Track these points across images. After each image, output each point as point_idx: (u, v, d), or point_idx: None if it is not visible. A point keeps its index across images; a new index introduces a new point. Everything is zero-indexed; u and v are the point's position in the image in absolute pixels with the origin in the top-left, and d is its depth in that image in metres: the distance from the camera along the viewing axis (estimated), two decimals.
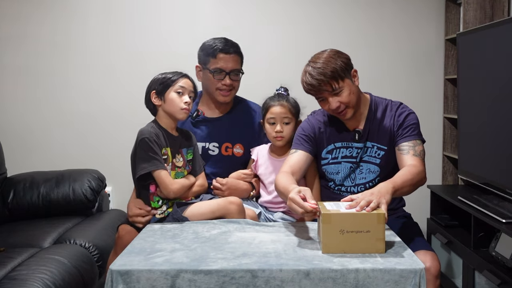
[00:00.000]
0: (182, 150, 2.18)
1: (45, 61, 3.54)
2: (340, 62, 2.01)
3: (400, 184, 1.85)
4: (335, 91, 2.01)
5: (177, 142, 2.17)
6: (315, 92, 2.04)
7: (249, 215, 2.15)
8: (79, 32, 3.53)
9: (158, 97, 2.14)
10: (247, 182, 2.35)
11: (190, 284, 1.51)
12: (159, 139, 2.08)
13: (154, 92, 2.14)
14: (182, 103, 2.12)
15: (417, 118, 2.12)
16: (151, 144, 2.04)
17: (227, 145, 2.43)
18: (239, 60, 2.43)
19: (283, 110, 2.25)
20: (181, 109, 2.12)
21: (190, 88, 2.16)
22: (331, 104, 2.03)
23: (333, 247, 1.63)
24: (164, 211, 2.08)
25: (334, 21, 3.55)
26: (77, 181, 3.10)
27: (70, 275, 2.28)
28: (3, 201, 3.06)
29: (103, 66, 3.54)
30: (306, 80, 2.02)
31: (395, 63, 3.59)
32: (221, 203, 2.07)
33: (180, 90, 2.13)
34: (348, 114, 2.07)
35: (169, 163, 2.11)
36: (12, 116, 3.56)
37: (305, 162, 2.14)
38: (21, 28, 3.52)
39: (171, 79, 2.14)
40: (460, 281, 2.79)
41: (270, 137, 2.28)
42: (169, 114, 2.14)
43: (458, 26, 3.47)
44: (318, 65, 2.00)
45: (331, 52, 2.05)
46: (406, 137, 2.07)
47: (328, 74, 1.98)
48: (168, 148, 2.11)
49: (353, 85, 2.06)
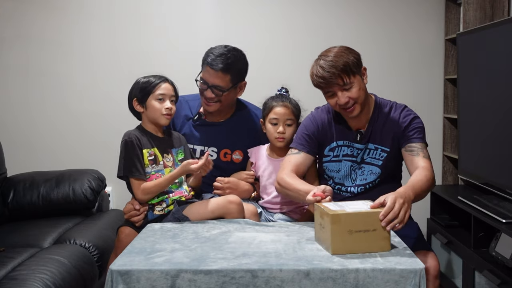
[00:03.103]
0: (172, 150, 2.20)
1: (45, 61, 3.54)
2: (352, 57, 2.00)
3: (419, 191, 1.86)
4: (345, 85, 1.99)
5: (164, 143, 2.19)
6: (325, 85, 2.01)
7: (250, 210, 2.15)
8: (79, 32, 3.52)
9: (140, 105, 2.17)
10: (249, 183, 2.35)
11: (190, 284, 1.51)
12: (141, 141, 2.11)
13: (135, 99, 2.18)
14: (163, 109, 2.15)
15: (422, 123, 2.11)
16: (128, 148, 2.08)
17: (226, 151, 2.42)
18: (226, 78, 2.30)
19: (287, 111, 2.24)
20: (162, 114, 2.15)
21: (171, 92, 2.18)
22: (340, 99, 2.01)
23: (342, 248, 1.62)
24: (164, 208, 2.09)
25: (333, 21, 3.55)
26: (77, 181, 3.10)
27: (70, 275, 2.28)
28: (3, 201, 3.06)
29: (104, 66, 3.54)
30: (317, 73, 2.00)
31: (395, 63, 3.59)
32: (220, 202, 2.07)
33: (161, 97, 2.15)
34: (355, 110, 2.05)
35: (159, 162, 2.13)
36: (12, 116, 3.56)
37: (307, 165, 2.15)
38: (21, 28, 3.51)
39: (151, 85, 2.16)
40: (460, 281, 2.79)
41: (271, 138, 2.27)
42: (151, 120, 2.18)
43: (458, 26, 3.47)
44: (330, 58, 1.98)
45: (342, 47, 2.04)
46: (414, 138, 2.05)
47: (340, 67, 1.97)
48: (155, 149, 2.14)
49: (362, 82, 2.05)
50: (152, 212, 2.09)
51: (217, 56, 2.29)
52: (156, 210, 2.09)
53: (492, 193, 2.75)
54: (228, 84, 2.32)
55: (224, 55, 2.29)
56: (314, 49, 2.18)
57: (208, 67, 2.30)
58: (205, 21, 3.52)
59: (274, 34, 3.56)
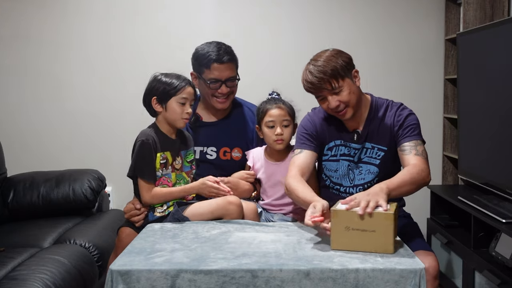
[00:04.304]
0: (181, 152, 2.19)
1: (45, 61, 3.54)
2: (341, 61, 2.01)
3: (396, 184, 1.85)
4: (334, 89, 2.01)
5: (176, 146, 2.17)
6: (315, 90, 2.03)
7: (251, 208, 2.15)
8: (79, 32, 3.53)
9: (160, 104, 2.13)
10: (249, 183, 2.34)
11: (190, 284, 1.51)
12: (156, 144, 2.09)
13: (155, 98, 2.13)
14: (184, 113, 2.12)
15: (417, 119, 2.11)
16: (144, 149, 2.06)
17: (225, 150, 2.42)
18: (233, 67, 2.39)
19: (282, 112, 2.23)
20: (182, 118, 2.13)
21: (192, 96, 2.16)
22: (331, 103, 2.03)
23: (341, 244, 1.64)
24: (165, 210, 2.08)
25: (332, 21, 3.55)
26: (77, 181, 3.10)
27: (70, 275, 2.28)
28: (3, 201, 3.06)
29: (104, 66, 3.55)
30: (307, 78, 2.02)
31: (395, 63, 3.59)
32: (220, 203, 2.06)
33: (183, 101, 2.12)
34: (347, 114, 2.06)
35: (168, 166, 2.12)
36: (12, 116, 3.56)
37: (312, 162, 2.14)
38: (19, 28, 3.51)
39: (175, 88, 2.11)
40: (460, 281, 2.79)
41: (270, 141, 2.24)
42: (169, 121, 2.15)
43: (458, 26, 3.47)
44: (319, 63, 2.00)
45: (333, 52, 2.05)
46: (407, 137, 2.06)
47: (328, 72, 1.98)
48: (168, 153, 2.12)
49: (353, 85, 2.05)
50: (153, 214, 2.09)
51: (217, 50, 2.33)
52: (157, 212, 2.09)
53: (492, 193, 2.75)
54: (235, 73, 2.41)
55: (221, 47, 2.36)
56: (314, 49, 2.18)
57: (216, 64, 2.32)
58: (205, 20, 3.52)
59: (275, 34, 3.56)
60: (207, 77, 2.35)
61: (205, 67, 2.35)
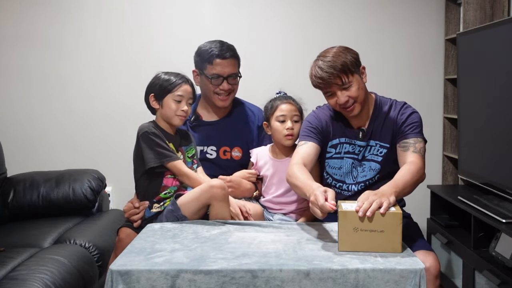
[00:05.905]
0: (182, 148, 2.20)
1: (45, 61, 3.53)
2: (350, 56, 2.02)
3: (402, 186, 1.85)
4: (344, 85, 2.01)
5: (176, 140, 2.19)
6: (324, 85, 2.03)
7: (256, 210, 2.17)
8: (80, 32, 3.52)
9: (156, 101, 2.16)
10: (251, 182, 2.35)
11: (190, 284, 1.51)
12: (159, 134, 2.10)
13: (153, 95, 2.16)
14: (179, 110, 2.14)
15: (419, 118, 2.12)
16: (152, 137, 2.07)
17: (225, 149, 2.43)
18: (236, 64, 2.41)
19: (292, 107, 2.26)
20: (176, 115, 2.14)
21: (189, 95, 2.17)
22: (340, 98, 2.03)
23: (348, 245, 1.64)
24: (161, 206, 2.09)
25: (332, 22, 3.55)
26: (77, 181, 3.10)
27: (70, 275, 2.28)
28: (3, 201, 3.06)
29: (104, 66, 3.54)
30: (316, 73, 2.02)
31: (395, 63, 3.59)
32: (204, 188, 2.01)
33: (179, 99, 2.14)
34: (355, 110, 2.06)
35: None
36: (12, 116, 3.56)
37: (315, 154, 2.13)
38: (22, 28, 3.51)
39: (171, 85, 2.13)
40: (460, 281, 2.79)
41: (280, 136, 2.26)
42: (165, 118, 2.17)
43: (458, 26, 3.47)
44: (328, 59, 2.00)
45: (341, 48, 2.06)
46: (407, 134, 2.07)
47: (338, 67, 1.99)
48: (171, 144, 2.14)
49: (361, 81, 2.07)
50: (149, 210, 2.09)
51: (220, 46, 2.36)
52: (154, 208, 2.09)
53: (492, 193, 2.75)
54: (237, 70, 2.42)
55: (223, 44, 2.39)
56: (314, 48, 2.18)
57: (218, 60, 2.34)
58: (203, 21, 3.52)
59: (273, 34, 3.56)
60: (209, 73, 2.36)
61: (207, 62, 2.36)
